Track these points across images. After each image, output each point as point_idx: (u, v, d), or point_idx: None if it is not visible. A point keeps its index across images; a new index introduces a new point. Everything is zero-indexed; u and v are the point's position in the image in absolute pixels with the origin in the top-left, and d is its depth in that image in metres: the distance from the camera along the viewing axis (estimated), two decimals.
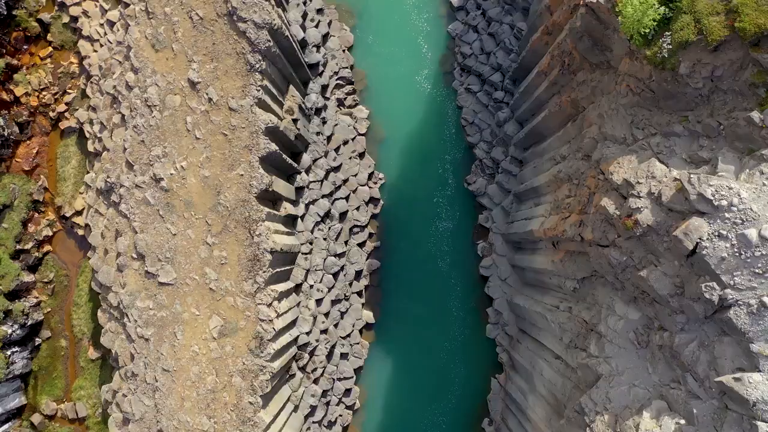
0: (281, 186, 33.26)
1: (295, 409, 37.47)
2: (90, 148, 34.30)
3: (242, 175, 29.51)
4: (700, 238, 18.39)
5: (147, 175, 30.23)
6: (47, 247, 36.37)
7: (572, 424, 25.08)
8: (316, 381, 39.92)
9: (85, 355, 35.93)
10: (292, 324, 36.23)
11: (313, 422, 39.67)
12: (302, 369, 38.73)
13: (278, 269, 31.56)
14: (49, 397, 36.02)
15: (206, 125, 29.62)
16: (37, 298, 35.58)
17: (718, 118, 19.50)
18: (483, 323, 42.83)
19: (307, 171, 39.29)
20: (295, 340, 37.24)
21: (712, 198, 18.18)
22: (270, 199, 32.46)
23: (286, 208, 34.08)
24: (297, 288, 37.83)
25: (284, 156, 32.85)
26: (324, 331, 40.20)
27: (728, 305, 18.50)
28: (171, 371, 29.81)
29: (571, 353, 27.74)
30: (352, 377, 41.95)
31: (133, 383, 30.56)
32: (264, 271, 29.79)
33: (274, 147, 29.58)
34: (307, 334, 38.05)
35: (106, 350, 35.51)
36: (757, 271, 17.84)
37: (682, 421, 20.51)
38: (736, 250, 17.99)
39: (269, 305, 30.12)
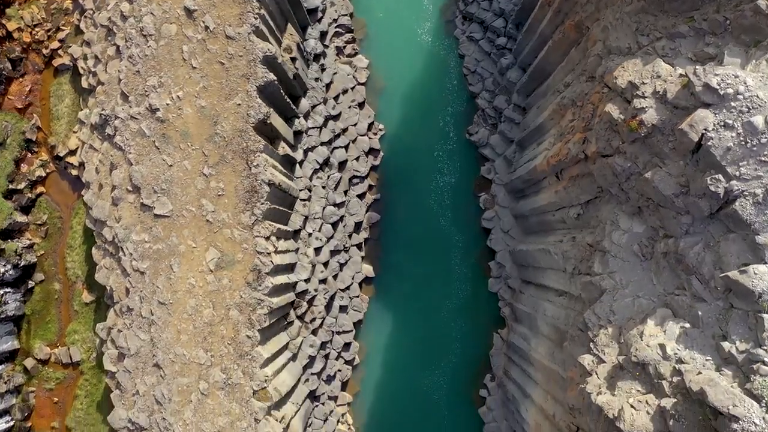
0: (279, 123, 33.42)
1: (294, 357, 37.68)
2: (84, 84, 34.44)
3: (239, 104, 29.66)
4: (705, 129, 18.57)
5: (142, 106, 30.37)
6: (40, 189, 36.51)
7: (575, 343, 25.29)
8: (314, 332, 40.15)
9: (79, 298, 36.11)
10: (290, 269, 36.41)
11: (312, 374, 39.90)
12: (300, 318, 38.95)
13: (276, 206, 31.72)
14: (43, 341, 36.22)
15: (203, 54, 29.75)
16: (30, 240, 35.75)
17: (724, 13, 19.66)
18: (485, 278, 43.03)
19: (306, 117, 39.43)
20: (294, 286, 37.44)
21: (717, 87, 18.35)
22: (268, 135, 32.59)
23: (284, 148, 34.23)
24: (295, 234, 38.02)
25: (282, 92, 32.98)
26: (323, 281, 40.41)
27: (734, 198, 18.70)
28: (167, 304, 30.00)
29: (575, 281, 27.96)
30: (352, 331, 42.20)
31: (128, 318, 30.76)
32: (262, 203, 29.96)
33: (272, 76, 29.73)
34: (306, 281, 38.24)
35: (101, 293, 35.68)
36: (763, 159, 18.03)
37: (687, 325, 20.74)
38: (741, 138, 18.17)
39: (267, 238, 30.31)
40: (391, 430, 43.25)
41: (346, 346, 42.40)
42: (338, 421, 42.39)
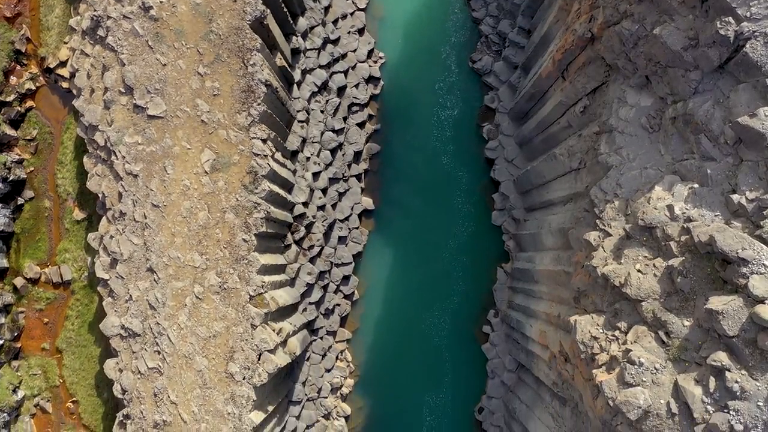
0: (276, 32, 33.50)
1: (291, 283, 37.86)
2: None
3: (235, 1, 29.74)
4: None
5: (135, 4, 30.45)
6: (30, 103, 36.60)
7: (581, 225, 25.48)
8: (312, 261, 40.30)
9: (70, 216, 36.23)
10: (288, 190, 36.54)
11: (310, 303, 40.07)
12: (298, 243, 39.09)
13: (272, 114, 31.81)
14: (33, 260, 36.37)
15: None
16: (19, 155, 35.87)
17: None
18: (488, 212, 43.15)
19: (304, 36, 39.50)
20: (291, 209, 37.59)
21: None
22: (265, 41, 32.63)
23: (282, 60, 34.32)
24: (293, 156, 38.14)
25: (279, 1, 33.06)
26: (321, 208, 40.56)
27: (744, 41, 18.83)
28: (161, 207, 30.14)
29: (580, 175, 28.12)
30: (351, 263, 42.34)
31: (121, 223, 30.90)
32: (258, 104, 30.08)
33: None
34: (304, 205, 38.37)
35: (92, 210, 35.82)
36: None
37: (696, 185, 20.89)
38: None
39: (264, 141, 30.43)
40: (391, 368, 43.44)
41: (345, 279, 42.57)
42: (337, 358, 42.62)
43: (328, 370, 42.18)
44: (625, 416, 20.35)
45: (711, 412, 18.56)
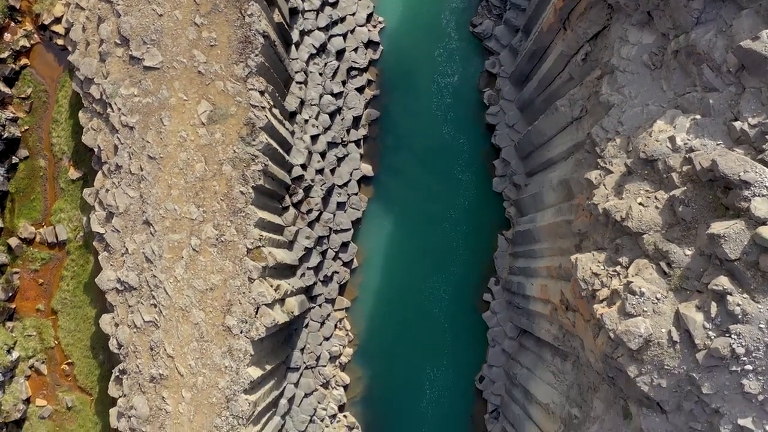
0: None
1: (290, 246, 37.99)
2: None
3: None
4: None
5: None
6: (24, 60, 36.73)
7: (582, 167, 25.61)
8: (311, 225, 40.42)
9: (65, 175, 36.37)
10: (287, 150, 36.67)
11: (308, 268, 40.20)
12: (296, 207, 39.22)
13: (269, 67, 31.93)
14: (27, 220, 36.51)
15: None
16: (14, 113, 35.99)
17: None
18: (489, 178, 43.24)
19: None
20: (289, 171, 37.72)
21: None
22: None
23: (280, 16, 34.42)
24: (291, 118, 38.25)
25: None
26: (320, 171, 40.66)
27: None
28: (157, 159, 30.27)
29: (582, 124, 28.25)
30: (350, 230, 42.43)
31: (117, 177, 31.04)
32: (256, 56, 30.19)
33: None
34: (302, 167, 38.49)
35: (88, 169, 35.93)
36: None
37: (698, 116, 21.02)
38: None
39: (262, 93, 30.55)
40: (390, 338, 43.53)
41: (344, 246, 42.66)
42: (336, 326, 42.73)
43: (327, 339, 42.31)
44: (626, 347, 20.50)
45: (712, 337, 18.71)
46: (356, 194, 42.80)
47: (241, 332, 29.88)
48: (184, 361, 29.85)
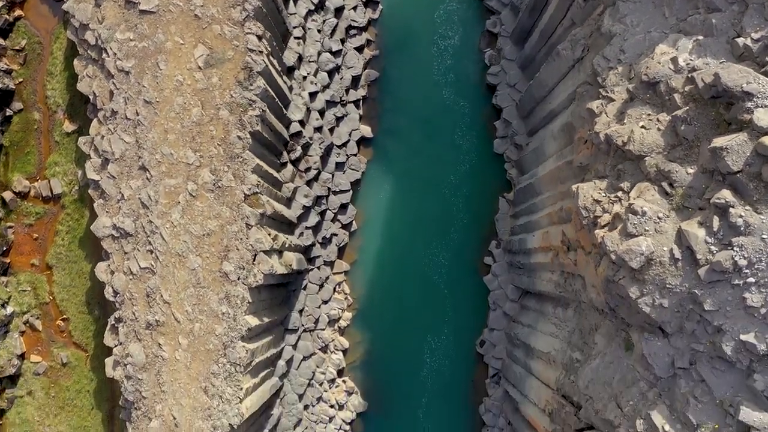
0: None
1: (288, 203, 38.13)
2: None
3: None
4: None
5: None
6: (18, 12, 36.80)
7: (583, 99, 25.73)
8: (309, 184, 40.56)
9: (60, 128, 36.48)
10: (285, 105, 36.78)
11: (306, 228, 40.35)
12: (294, 164, 39.35)
13: (267, 14, 32.01)
14: (22, 174, 36.63)
15: None
16: (7, 65, 36.09)
17: None
18: (490, 140, 43.36)
19: None
20: (287, 127, 37.85)
21: None
22: None
23: None
24: (289, 73, 38.36)
25: None
26: (318, 130, 40.77)
27: None
28: (153, 103, 30.38)
29: (583, 65, 28.35)
30: (349, 191, 42.56)
31: (113, 122, 31.15)
32: None
33: None
34: (300, 123, 38.61)
35: (83, 122, 36.05)
36: None
37: (700, 37, 21.14)
38: None
39: (260, 38, 30.64)
40: (390, 302, 43.67)
41: (343, 208, 42.80)
42: (334, 290, 42.87)
43: (326, 302, 42.46)
44: (627, 268, 20.64)
45: (714, 252, 18.84)
46: (355, 155, 42.93)
47: (238, 279, 30.01)
48: (180, 308, 29.99)
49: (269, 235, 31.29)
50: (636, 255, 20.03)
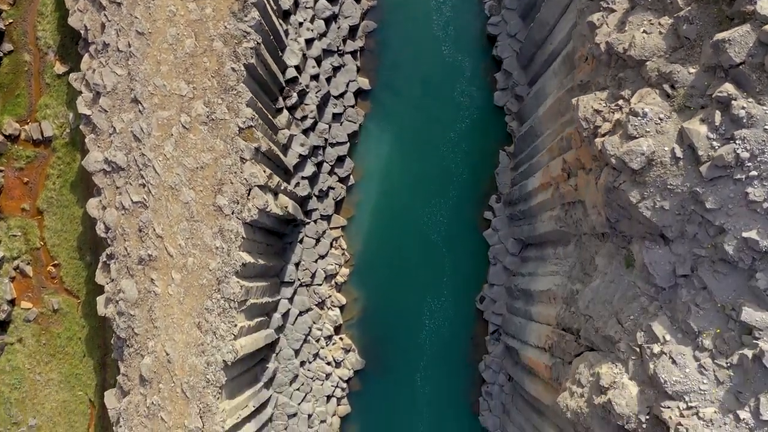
0: None
1: (284, 151, 38.14)
2: None
3: None
4: None
5: None
6: None
7: (584, 15, 25.70)
8: (305, 133, 40.55)
9: (51, 70, 36.46)
10: (281, 48, 36.76)
11: (303, 178, 40.35)
12: (290, 111, 39.33)
13: None
14: (12, 116, 36.60)
15: None
16: None
17: None
18: (490, 92, 43.36)
19: None
20: (283, 72, 37.84)
21: None
22: None
23: None
24: (285, 17, 38.32)
25: None
26: (315, 78, 40.74)
27: None
28: (145, 34, 30.36)
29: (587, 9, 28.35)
30: (346, 143, 42.53)
31: (104, 55, 31.14)
32: None
33: None
34: (296, 69, 38.57)
35: (74, 63, 36.03)
36: None
37: None
38: None
39: None
40: (388, 259, 43.67)
41: (340, 161, 42.81)
42: (331, 245, 42.87)
43: (322, 257, 42.48)
44: (627, 171, 20.67)
45: (716, 147, 18.86)
46: (353, 107, 42.91)
47: (232, 213, 30.02)
48: (173, 242, 30.00)
49: (264, 172, 31.29)
50: (637, 155, 20.06)
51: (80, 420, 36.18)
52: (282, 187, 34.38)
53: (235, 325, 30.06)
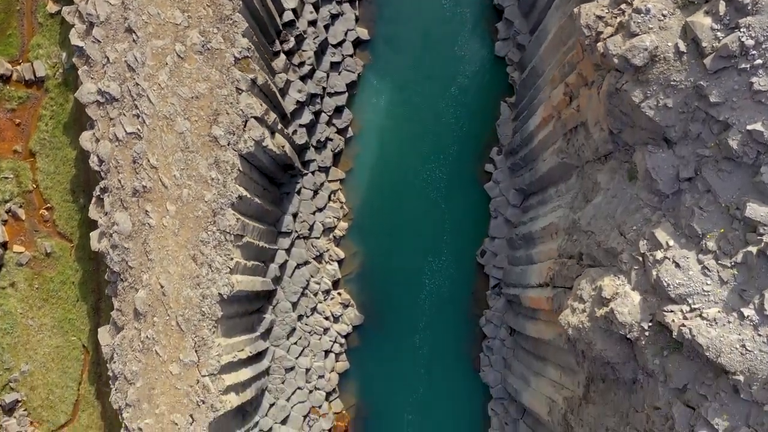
0: None
1: (282, 94, 38.05)
2: None
3: None
4: None
5: None
6: None
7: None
8: (303, 80, 40.50)
9: (43, 9, 36.38)
10: None
11: (300, 125, 40.30)
12: (288, 55, 39.28)
13: None
14: (3, 57, 36.54)
15: None
16: None
17: None
18: (491, 43, 43.26)
19: None
20: (280, 15, 37.80)
21: None
22: None
23: None
24: None
25: None
26: (313, 24, 40.68)
27: None
28: None
29: None
30: (344, 93, 42.45)
31: None
32: None
33: None
34: (294, 12, 38.52)
35: (66, 2, 35.92)
36: None
37: None
38: None
39: None
40: (388, 213, 43.61)
41: (338, 111, 42.73)
42: (330, 198, 42.83)
43: (320, 209, 42.44)
44: (630, 70, 20.67)
45: (720, 38, 18.85)
46: (351, 56, 42.82)
47: (228, 144, 30.01)
48: (168, 172, 29.98)
49: (261, 105, 31.28)
50: (640, 51, 20.06)
51: (73, 365, 36.19)
52: (279, 127, 34.36)
53: (231, 259, 30.06)
